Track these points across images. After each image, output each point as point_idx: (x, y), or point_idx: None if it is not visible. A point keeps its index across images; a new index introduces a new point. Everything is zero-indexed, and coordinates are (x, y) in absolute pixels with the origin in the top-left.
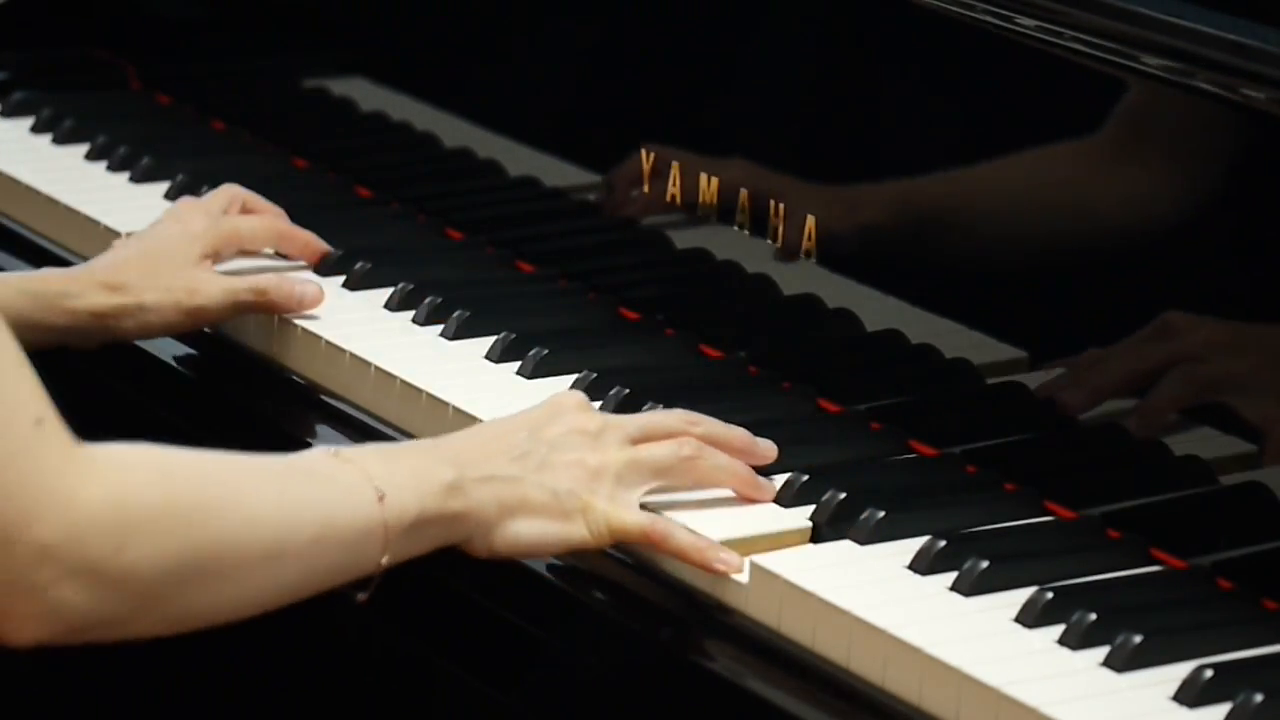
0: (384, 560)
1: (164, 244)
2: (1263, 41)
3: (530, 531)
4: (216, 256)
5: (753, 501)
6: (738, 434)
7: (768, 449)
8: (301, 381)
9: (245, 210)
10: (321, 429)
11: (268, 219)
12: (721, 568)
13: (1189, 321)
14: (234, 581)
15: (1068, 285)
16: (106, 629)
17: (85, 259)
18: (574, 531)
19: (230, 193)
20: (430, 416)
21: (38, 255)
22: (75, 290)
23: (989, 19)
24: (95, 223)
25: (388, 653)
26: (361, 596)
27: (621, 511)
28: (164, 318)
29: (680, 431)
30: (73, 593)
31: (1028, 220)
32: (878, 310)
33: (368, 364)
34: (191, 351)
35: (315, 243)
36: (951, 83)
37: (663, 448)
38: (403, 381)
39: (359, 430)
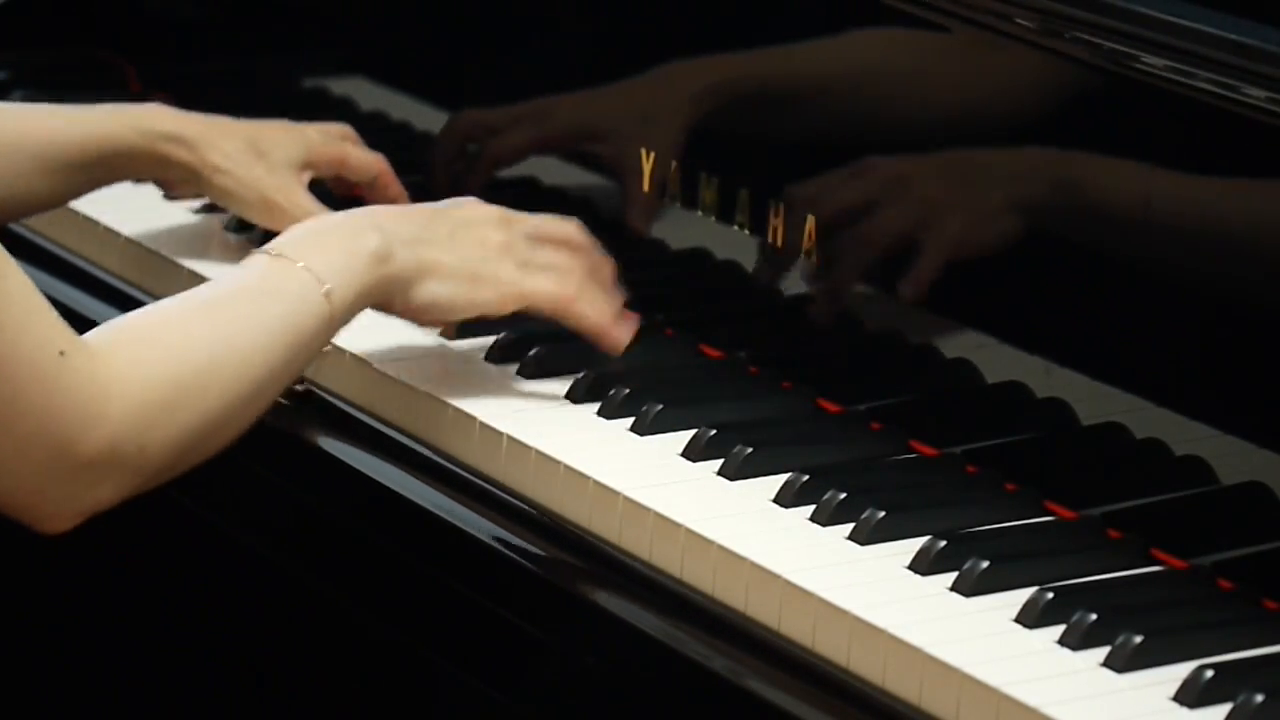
0: (327, 348)
1: (272, 136)
2: (1263, 41)
3: (443, 292)
4: (314, 169)
5: (613, 338)
6: (610, 268)
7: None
8: (300, 384)
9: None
10: (324, 436)
11: (378, 156)
12: (616, 339)
13: (884, 161)
14: (232, 426)
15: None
16: (125, 499)
17: (85, 259)
18: (483, 294)
19: (343, 129)
20: (431, 417)
21: (38, 255)
22: (189, 138)
23: (989, 18)
24: (95, 223)
25: (388, 653)
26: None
27: (532, 278)
28: (246, 201)
29: (571, 238)
30: (107, 491)
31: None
32: (878, 310)
33: (367, 363)
34: None
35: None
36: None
37: (565, 255)
38: (402, 384)
39: (362, 432)
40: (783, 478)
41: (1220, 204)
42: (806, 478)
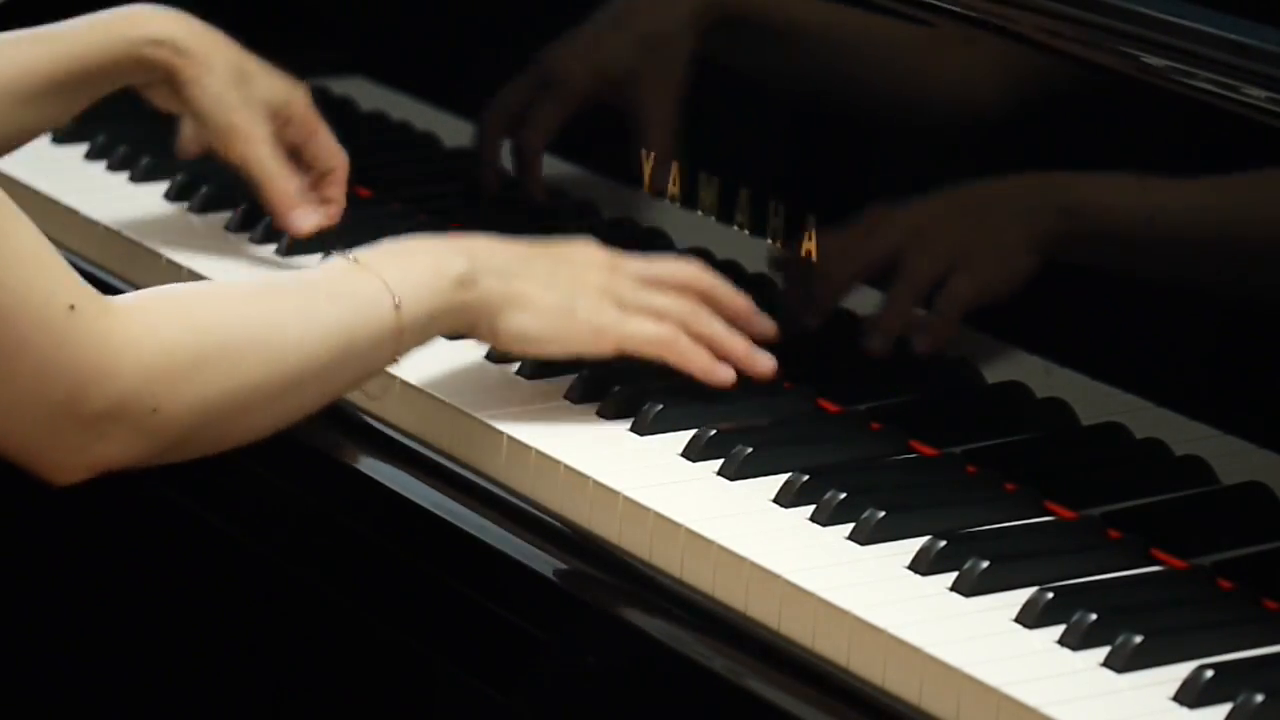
0: (397, 360)
1: (262, 72)
2: (1263, 41)
3: (534, 325)
4: (286, 122)
5: (754, 373)
6: (742, 301)
7: (767, 324)
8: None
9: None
10: (327, 432)
11: (345, 154)
12: (716, 383)
13: (895, 214)
14: (258, 414)
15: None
16: (140, 465)
17: (85, 259)
18: (577, 333)
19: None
20: (431, 417)
21: None
22: (178, 42)
23: (989, 18)
24: (94, 223)
25: (388, 652)
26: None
27: (629, 323)
28: (210, 120)
29: (687, 282)
30: (115, 447)
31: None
32: (878, 310)
33: None
34: None
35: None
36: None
37: (670, 298)
38: (402, 382)
39: (362, 432)
40: (783, 478)
41: (1220, 204)
42: (806, 478)
